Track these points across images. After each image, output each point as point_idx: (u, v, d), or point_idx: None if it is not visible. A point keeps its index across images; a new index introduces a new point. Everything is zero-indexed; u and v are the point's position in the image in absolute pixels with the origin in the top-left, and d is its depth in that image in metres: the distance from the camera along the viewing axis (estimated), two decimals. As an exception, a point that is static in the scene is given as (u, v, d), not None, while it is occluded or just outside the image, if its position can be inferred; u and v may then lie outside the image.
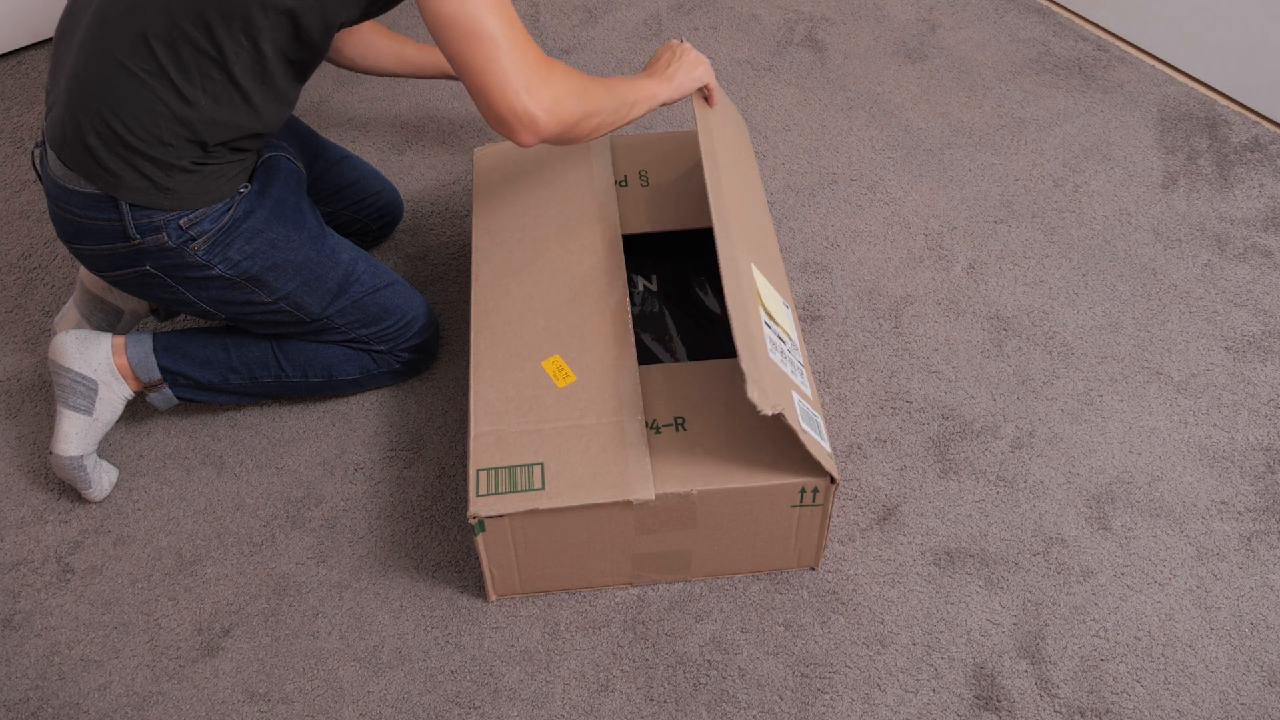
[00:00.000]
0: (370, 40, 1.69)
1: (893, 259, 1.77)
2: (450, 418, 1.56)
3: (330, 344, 1.48)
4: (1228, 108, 2.01)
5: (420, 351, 1.55)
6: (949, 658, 1.31)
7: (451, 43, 1.18)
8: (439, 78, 1.76)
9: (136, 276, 1.34)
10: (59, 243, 1.81)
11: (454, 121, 2.04)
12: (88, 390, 1.41)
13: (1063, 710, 1.26)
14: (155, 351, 1.45)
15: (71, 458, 1.42)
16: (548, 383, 1.32)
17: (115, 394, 1.44)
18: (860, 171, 1.92)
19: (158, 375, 1.46)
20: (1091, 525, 1.43)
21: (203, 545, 1.44)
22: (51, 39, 2.23)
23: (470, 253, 1.52)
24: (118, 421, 1.56)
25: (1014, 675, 1.29)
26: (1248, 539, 1.41)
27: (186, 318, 1.67)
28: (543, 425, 1.28)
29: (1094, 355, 1.63)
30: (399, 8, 2.33)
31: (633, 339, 1.36)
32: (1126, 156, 1.94)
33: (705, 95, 1.48)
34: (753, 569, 1.37)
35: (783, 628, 1.33)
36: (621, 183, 1.56)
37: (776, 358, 1.25)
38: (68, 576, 1.41)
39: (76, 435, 1.42)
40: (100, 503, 1.48)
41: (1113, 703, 1.26)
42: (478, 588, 1.38)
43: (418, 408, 1.57)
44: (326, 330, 1.46)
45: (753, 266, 1.33)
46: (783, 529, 1.30)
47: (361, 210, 1.70)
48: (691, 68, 1.43)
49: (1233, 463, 1.49)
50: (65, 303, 1.68)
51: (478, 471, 1.25)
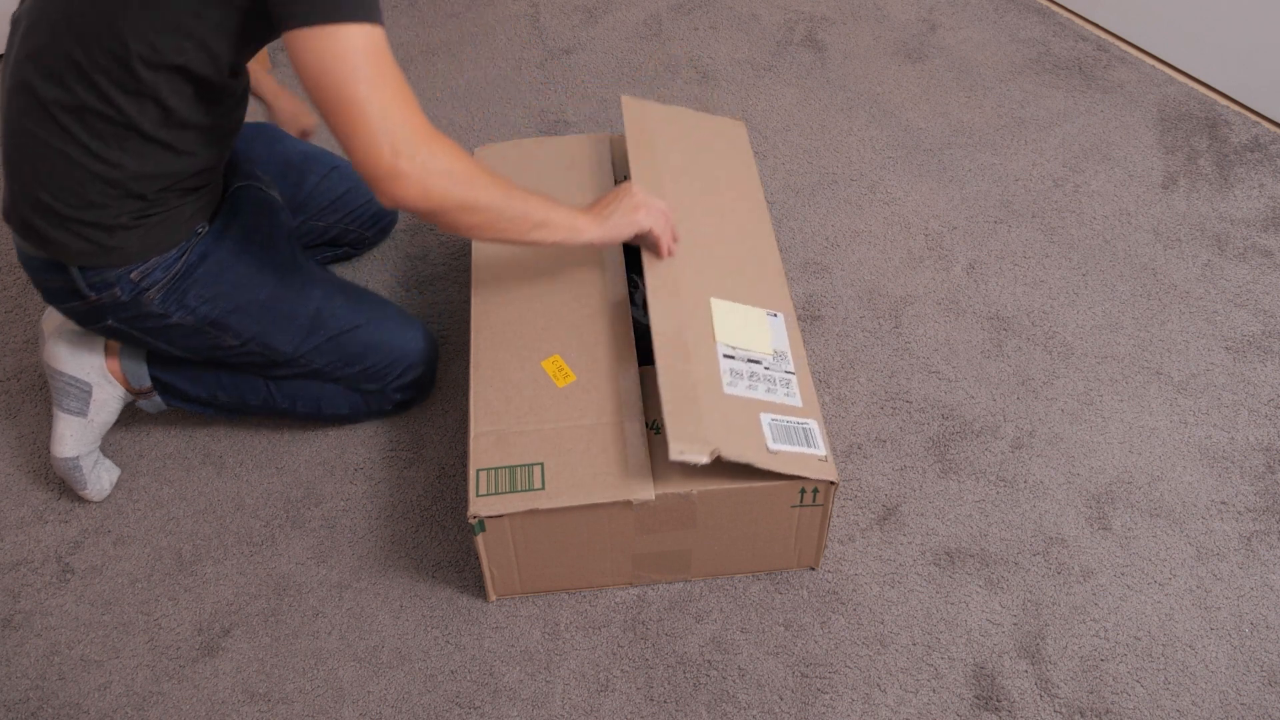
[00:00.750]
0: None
1: (893, 259, 1.77)
2: (450, 418, 1.56)
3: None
4: (1228, 108, 2.01)
5: (414, 389, 1.51)
6: (949, 658, 1.31)
7: (324, 99, 1.08)
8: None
9: (106, 330, 1.34)
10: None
11: (454, 122, 2.04)
12: (81, 393, 1.42)
13: (1063, 710, 1.26)
14: (148, 360, 1.45)
15: (66, 459, 1.42)
16: (548, 383, 1.32)
17: (110, 396, 1.44)
18: (860, 171, 1.92)
19: (148, 383, 1.46)
20: (1091, 525, 1.43)
21: (203, 545, 1.44)
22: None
23: (470, 252, 1.52)
24: (117, 421, 1.56)
25: (1014, 675, 1.29)
26: (1248, 539, 1.41)
27: None
28: (543, 425, 1.28)
29: (1094, 355, 1.63)
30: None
31: (633, 339, 1.36)
32: (1126, 156, 1.94)
33: (651, 244, 1.35)
34: (753, 569, 1.37)
35: (783, 628, 1.33)
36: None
37: (739, 388, 1.25)
38: (68, 576, 1.41)
39: (71, 437, 1.42)
40: (100, 503, 1.48)
41: (1113, 703, 1.26)
42: (478, 588, 1.38)
43: (418, 408, 1.57)
44: (307, 370, 1.42)
45: (712, 300, 1.33)
46: (783, 529, 1.30)
47: (354, 220, 1.68)
48: (630, 211, 1.30)
49: (1233, 463, 1.49)
50: None
51: (478, 471, 1.25)
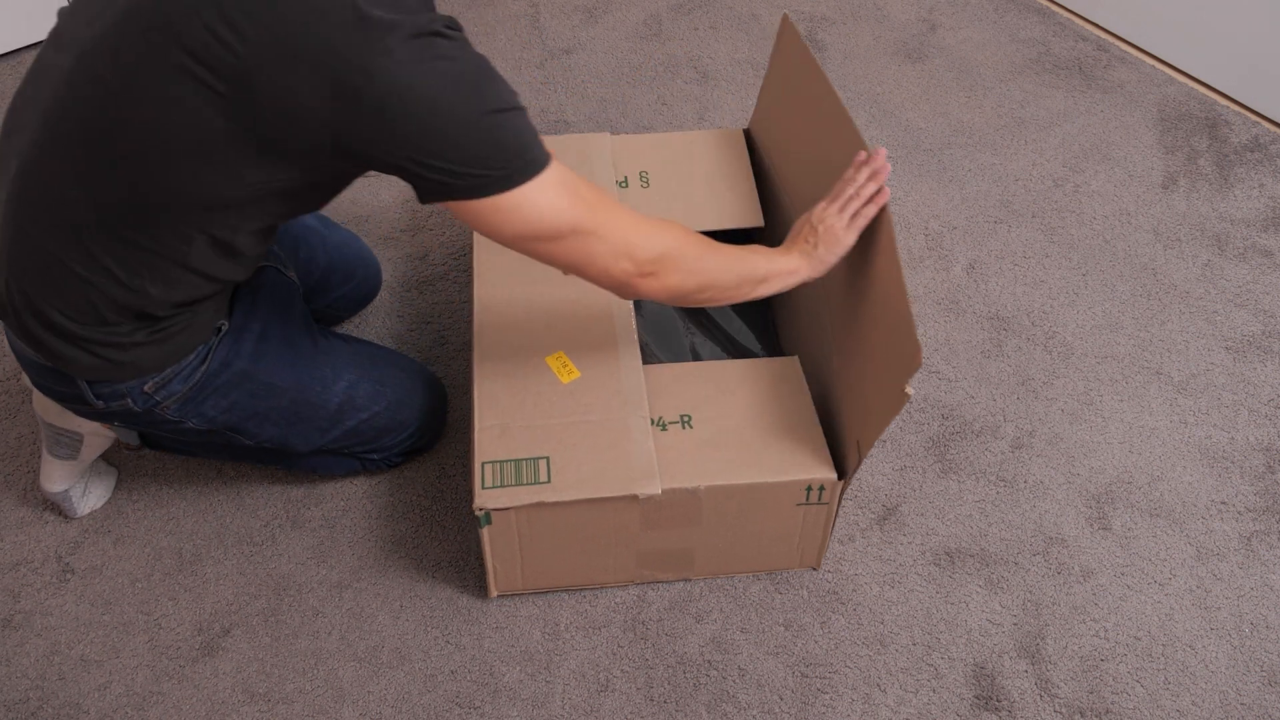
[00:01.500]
0: None
1: (893, 259, 1.77)
2: (451, 417, 1.56)
3: None
4: (1228, 108, 2.01)
5: (416, 451, 1.49)
6: (949, 658, 1.31)
7: (538, 249, 1.07)
8: None
9: (107, 425, 1.31)
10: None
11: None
12: (72, 441, 1.39)
13: (1063, 710, 1.26)
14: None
15: (55, 492, 1.43)
16: (552, 378, 1.32)
17: (100, 440, 1.42)
18: (860, 171, 1.92)
19: (137, 442, 1.44)
20: (1091, 525, 1.43)
21: (203, 545, 1.44)
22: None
23: (470, 252, 1.52)
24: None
25: (1014, 675, 1.29)
26: (1248, 539, 1.41)
27: None
28: (548, 420, 1.28)
29: (1094, 355, 1.63)
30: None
31: (636, 335, 1.36)
32: (1126, 156, 1.94)
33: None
34: (755, 568, 1.37)
35: (783, 628, 1.33)
36: (622, 183, 1.56)
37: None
38: (68, 576, 1.41)
39: (60, 475, 1.42)
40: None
41: (1113, 703, 1.26)
42: (478, 588, 1.38)
43: (418, 408, 1.57)
44: (317, 453, 1.40)
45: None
46: (787, 527, 1.31)
47: (338, 302, 1.59)
48: (833, 245, 1.25)
49: (1233, 463, 1.49)
50: None
51: (483, 464, 1.24)
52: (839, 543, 1.41)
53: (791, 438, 1.28)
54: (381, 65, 0.93)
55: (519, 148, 1.01)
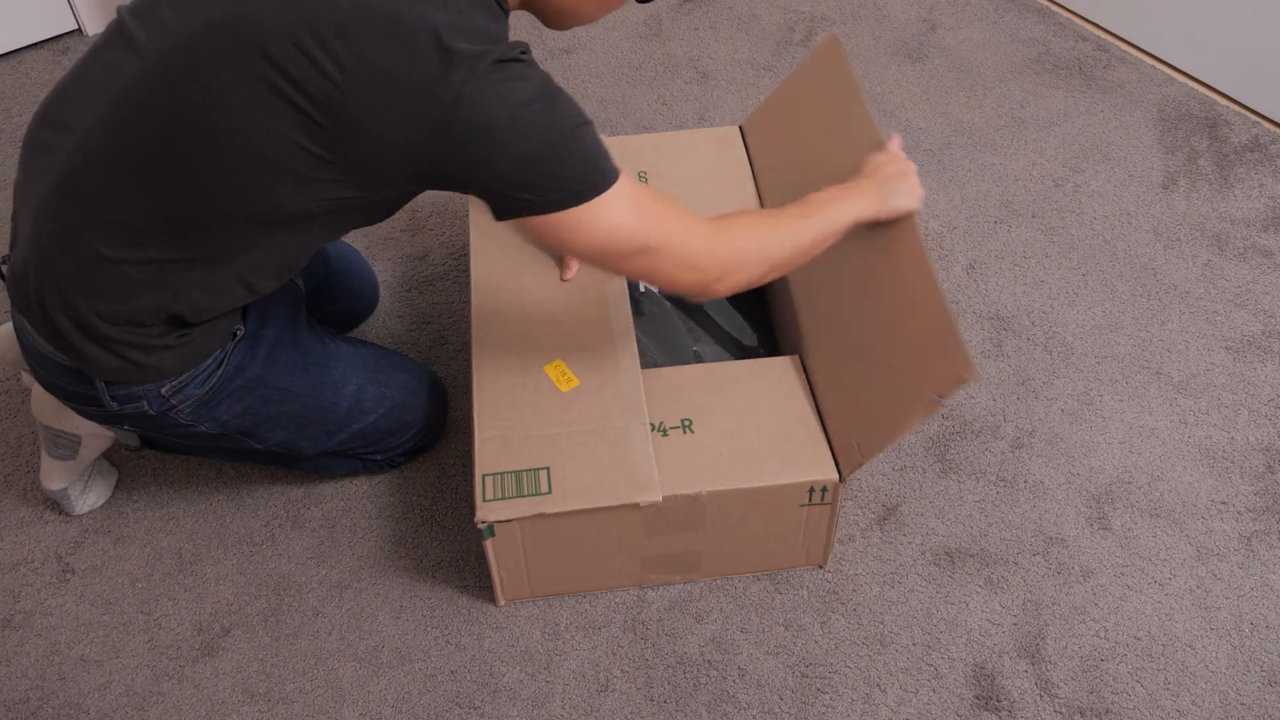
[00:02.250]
0: None
1: (893, 259, 1.77)
2: (451, 417, 1.56)
3: None
4: (1228, 108, 2.01)
5: (418, 451, 1.50)
6: (949, 658, 1.31)
7: (607, 264, 1.11)
8: None
9: (129, 429, 1.30)
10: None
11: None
12: (70, 442, 1.39)
13: (1063, 710, 1.26)
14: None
15: (55, 490, 1.43)
16: (551, 388, 1.32)
17: (99, 440, 1.42)
18: (860, 171, 1.92)
19: (137, 443, 1.44)
20: (1091, 525, 1.43)
21: (203, 545, 1.44)
22: (48, 40, 2.23)
23: (470, 253, 1.52)
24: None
25: (1014, 675, 1.29)
26: (1248, 539, 1.41)
27: None
28: (548, 430, 1.28)
29: (1094, 355, 1.63)
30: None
31: (635, 341, 1.36)
32: (1126, 156, 1.94)
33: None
34: (761, 568, 1.37)
35: (783, 628, 1.33)
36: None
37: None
38: (68, 576, 1.41)
39: (59, 474, 1.42)
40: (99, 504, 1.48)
41: (1113, 703, 1.26)
42: (478, 588, 1.38)
43: (418, 408, 1.57)
44: (324, 456, 1.41)
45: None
46: (791, 528, 1.31)
47: (327, 319, 1.58)
48: (911, 190, 1.27)
49: (1233, 463, 1.49)
50: None
51: (484, 477, 1.24)
52: (839, 543, 1.41)
53: (793, 439, 1.28)
54: (470, 95, 0.97)
55: (594, 161, 1.05)
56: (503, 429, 1.28)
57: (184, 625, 1.36)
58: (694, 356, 1.49)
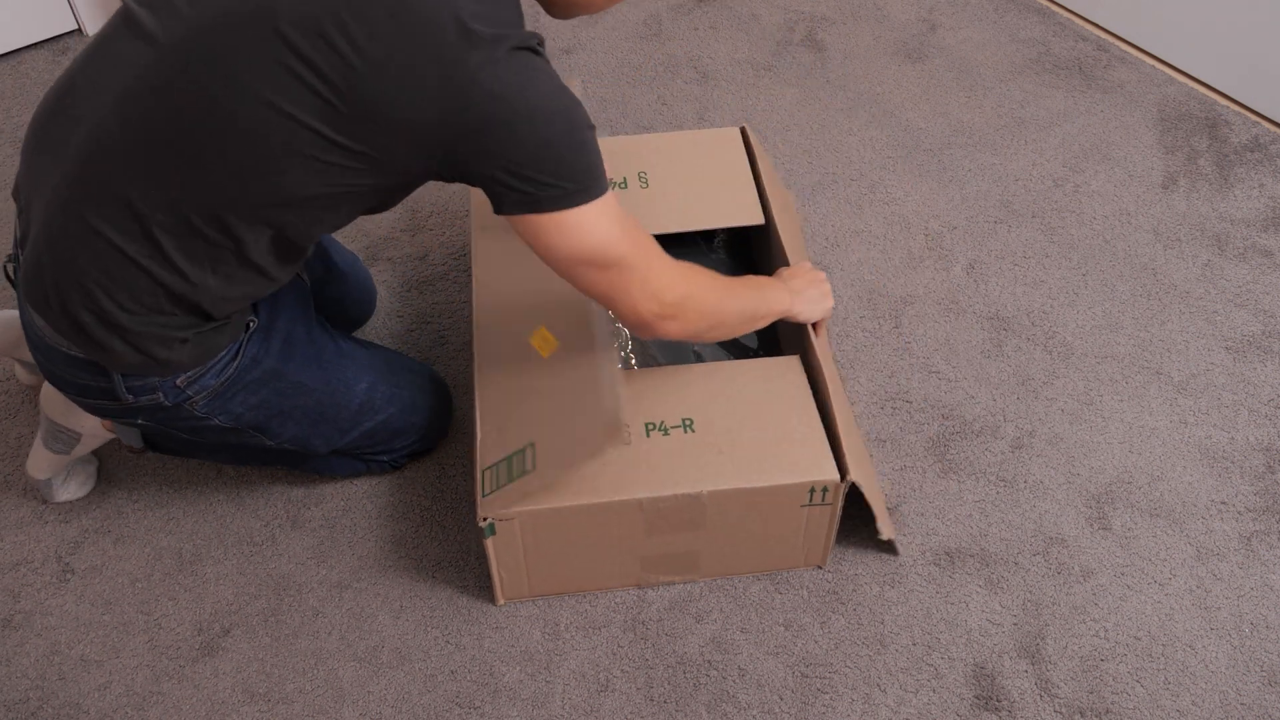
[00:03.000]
0: None
1: (893, 259, 1.77)
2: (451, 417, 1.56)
3: None
4: (1228, 108, 2.01)
5: (421, 452, 1.50)
6: (949, 658, 1.31)
7: (578, 274, 1.12)
8: None
9: (132, 423, 1.29)
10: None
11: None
12: (69, 439, 1.40)
13: (1063, 710, 1.26)
14: (143, 431, 1.43)
15: (39, 480, 1.44)
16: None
17: (96, 437, 1.42)
18: (860, 171, 1.92)
19: (140, 444, 1.44)
20: (1091, 525, 1.43)
21: (203, 545, 1.44)
22: (48, 40, 2.23)
23: (470, 253, 1.52)
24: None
25: (1014, 675, 1.29)
26: (1248, 539, 1.41)
27: None
28: (534, 407, 1.28)
29: (1094, 355, 1.63)
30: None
31: (613, 337, 1.36)
32: (1126, 156, 1.94)
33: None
34: (761, 568, 1.37)
35: (783, 628, 1.33)
36: (621, 184, 1.56)
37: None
38: (68, 576, 1.41)
39: (47, 464, 1.43)
40: (100, 503, 1.48)
41: (1113, 703, 1.26)
42: (478, 588, 1.38)
43: (418, 408, 1.57)
44: (331, 455, 1.41)
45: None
46: (791, 528, 1.31)
47: (329, 319, 1.56)
48: (822, 299, 1.38)
49: (1233, 463, 1.49)
50: None
51: (483, 472, 1.24)
52: (839, 543, 1.41)
53: (794, 439, 1.28)
54: (487, 78, 0.97)
55: (596, 167, 1.06)
56: (501, 424, 1.28)
57: (184, 625, 1.36)
58: (694, 357, 1.49)
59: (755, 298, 1.30)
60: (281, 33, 0.96)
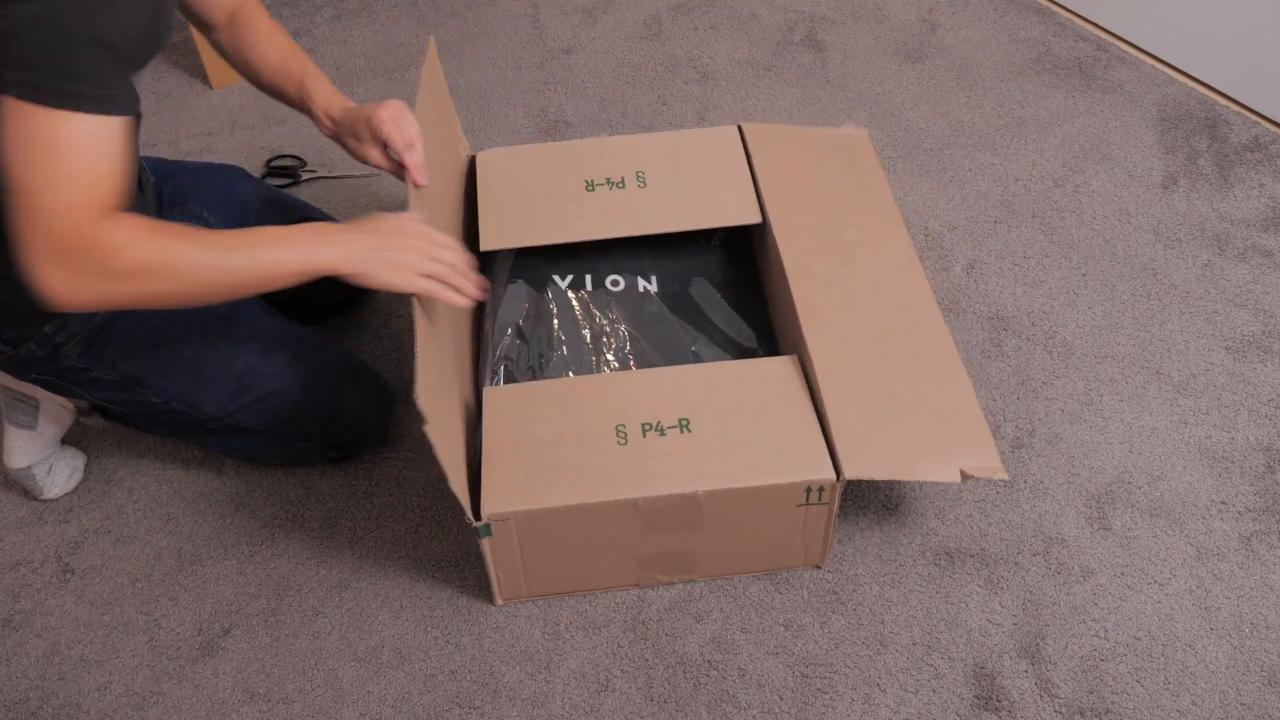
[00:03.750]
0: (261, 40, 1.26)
1: (893, 259, 1.77)
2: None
3: None
4: (1228, 108, 2.01)
5: (354, 447, 1.46)
6: (949, 658, 1.31)
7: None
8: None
9: (35, 381, 1.28)
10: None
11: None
12: (29, 407, 1.39)
13: (1063, 710, 1.26)
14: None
15: (18, 469, 1.43)
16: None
17: (57, 410, 1.41)
18: (860, 171, 1.92)
19: (88, 404, 1.43)
20: (1091, 525, 1.43)
21: (203, 545, 1.44)
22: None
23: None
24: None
25: (1014, 675, 1.29)
26: (1248, 539, 1.41)
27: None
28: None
29: (1094, 355, 1.63)
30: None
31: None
32: (1126, 156, 1.94)
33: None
34: (759, 568, 1.37)
35: (783, 628, 1.33)
36: (620, 184, 1.56)
37: None
38: (68, 576, 1.41)
39: (21, 449, 1.41)
40: (100, 502, 1.48)
41: (1113, 703, 1.26)
42: (478, 588, 1.38)
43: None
44: (235, 430, 1.36)
45: None
46: (789, 528, 1.31)
47: (320, 299, 1.51)
48: (402, 264, 1.08)
49: (1233, 463, 1.49)
50: None
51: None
52: (839, 543, 1.41)
53: (790, 438, 1.28)
54: None
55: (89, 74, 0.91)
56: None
57: (184, 625, 1.36)
58: (692, 356, 1.49)
59: (237, 259, 1.01)
60: None
